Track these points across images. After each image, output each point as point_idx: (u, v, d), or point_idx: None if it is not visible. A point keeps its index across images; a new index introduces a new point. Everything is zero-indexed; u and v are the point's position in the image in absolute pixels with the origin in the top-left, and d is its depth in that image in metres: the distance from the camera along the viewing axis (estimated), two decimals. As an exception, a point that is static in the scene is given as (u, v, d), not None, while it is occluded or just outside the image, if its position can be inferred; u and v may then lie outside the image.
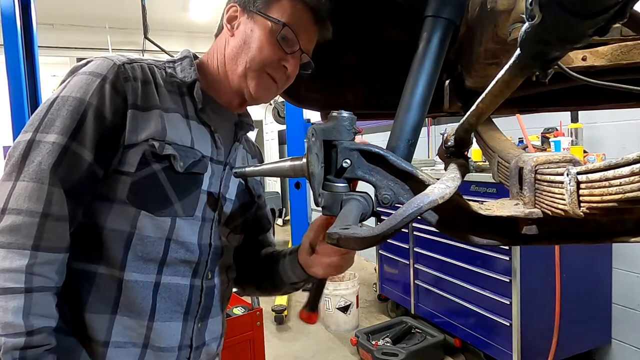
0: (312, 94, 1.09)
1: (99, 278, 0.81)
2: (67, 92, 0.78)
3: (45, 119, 0.76)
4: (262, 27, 0.86)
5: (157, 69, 0.88)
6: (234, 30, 0.89)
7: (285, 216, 8.03)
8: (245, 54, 0.87)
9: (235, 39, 0.89)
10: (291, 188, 5.09)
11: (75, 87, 0.78)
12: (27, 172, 0.74)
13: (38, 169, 0.74)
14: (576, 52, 0.73)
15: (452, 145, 0.82)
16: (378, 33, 1.01)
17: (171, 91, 0.87)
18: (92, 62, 0.82)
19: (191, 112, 0.89)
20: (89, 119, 0.77)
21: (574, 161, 0.50)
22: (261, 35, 0.86)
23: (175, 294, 0.86)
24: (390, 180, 0.62)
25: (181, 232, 0.84)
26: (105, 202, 0.81)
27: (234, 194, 0.97)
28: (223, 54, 0.91)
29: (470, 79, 0.85)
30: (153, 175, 0.81)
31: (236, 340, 2.00)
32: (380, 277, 3.99)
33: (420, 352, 2.98)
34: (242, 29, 0.88)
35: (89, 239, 0.80)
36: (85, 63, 0.83)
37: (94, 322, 0.80)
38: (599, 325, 2.81)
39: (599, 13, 0.34)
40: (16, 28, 2.87)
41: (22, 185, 0.73)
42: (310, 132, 0.66)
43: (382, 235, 0.48)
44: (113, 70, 0.80)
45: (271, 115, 6.72)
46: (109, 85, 0.79)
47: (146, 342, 0.83)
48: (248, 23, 0.88)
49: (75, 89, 0.78)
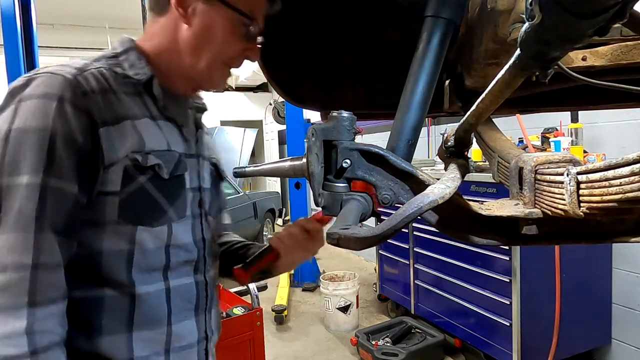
0: (312, 94, 1.09)
1: (108, 300, 0.77)
2: (21, 123, 0.68)
3: (6, 159, 0.67)
4: (226, 19, 0.80)
5: (107, 71, 0.78)
6: (190, 18, 0.79)
7: (285, 216, 8.04)
8: (208, 48, 0.81)
9: (193, 30, 0.80)
10: (291, 188, 5.10)
11: (30, 116, 0.68)
12: (5, 223, 0.65)
13: (18, 217, 0.66)
14: (576, 52, 0.73)
15: (452, 145, 0.82)
16: (378, 33, 1.01)
17: (129, 93, 0.79)
18: (36, 80, 0.71)
19: (155, 112, 0.83)
20: (59, 148, 0.68)
21: (574, 161, 0.50)
22: (226, 28, 0.80)
23: (185, 294, 0.86)
24: (390, 180, 0.62)
25: (178, 235, 0.83)
26: (96, 227, 0.75)
27: (209, 182, 0.97)
28: (176, 43, 0.82)
29: (470, 79, 0.85)
30: (141, 189, 0.77)
31: (236, 340, 2.00)
32: (380, 277, 3.99)
33: (420, 352, 2.98)
34: (202, 18, 0.79)
35: (87, 266, 0.76)
36: (25, 82, 0.71)
37: (112, 344, 0.77)
38: (599, 325, 2.81)
39: (599, 13, 0.34)
40: (16, 28, 2.88)
41: (2, 238, 0.65)
42: (310, 132, 0.66)
43: (382, 235, 0.48)
44: (67, 87, 0.70)
45: (271, 115, 6.72)
46: (69, 105, 0.70)
47: (167, 347, 0.83)
48: (208, 11, 0.79)
49: (31, 118, 0.68)
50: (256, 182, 10.22)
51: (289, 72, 1.06)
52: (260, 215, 5.96)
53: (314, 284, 4.75)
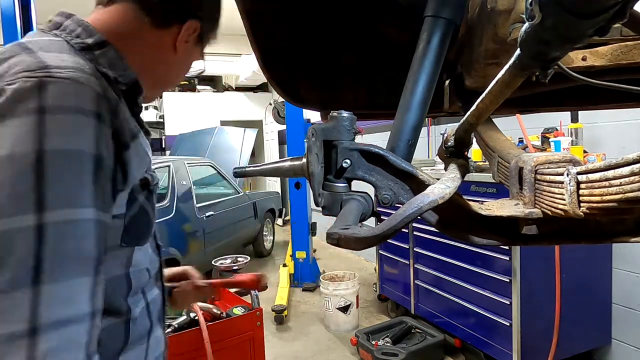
0: (312, 94, 1.09)
1: (107, 331, 0.66)
2: (58, 144, 0.55)
3: (44, 188, 0.54)
4: (197, 56, 0.87)
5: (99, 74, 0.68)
6: (179, 47, 0.79)
7: (285, 216, 8.04)
8: (176, 75, 0.86)
9: (177, 58, 0.81)
10: (291, 188, 5.11)
11: (67, 135, 0.56)
12: (58, 269, 0.54)
13: (77, 257, 0.56)
14: (576, 52, 0.73)
15: (452, 145, 0.82)
16: (378, 33, 1.01)
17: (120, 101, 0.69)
18: (55, 87, 0.57)
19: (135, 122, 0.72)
20: (102, 176, 0.60)
21: (574, 161, 0.50)
22: (192, 61, 0.88)
23: (155, 304, 0.82)
24: (390, 180, 0.62)
25: (149, 246, 0.79)
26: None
27: None
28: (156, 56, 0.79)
29: (470, 79, 0.85)
30: (141, 209, 0.72)
31: (236, 340, 2.00)
32: (380, 277, 3.99)
33: (420, 352, 2.98)
34: (187, 54, 0.83)
35: None
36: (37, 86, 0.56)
37: None
38: (599, 325, 2.81)
39: (599, 13, 0.34)
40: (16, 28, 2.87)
41: (52, 288, 0.53)
42: (310, 132, 0.66)
43: (382, 235, 0.48)
44: (102, 103, 0.61)
45: (271, 115, 6.72)
46: (106, 127, 0.61)
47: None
48: (193, 50, 0.84)
49: (69, 137, 0.56)
50: (256, 182, 10.22)
51: (289, 72, 1.06)
52: (260, 215, 5.96)
53: (314, 284, 4.75)
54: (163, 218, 3.89)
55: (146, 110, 8.99)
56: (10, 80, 0.56)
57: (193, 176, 4.68)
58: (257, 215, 5.88)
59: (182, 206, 4.21)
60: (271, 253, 6.46)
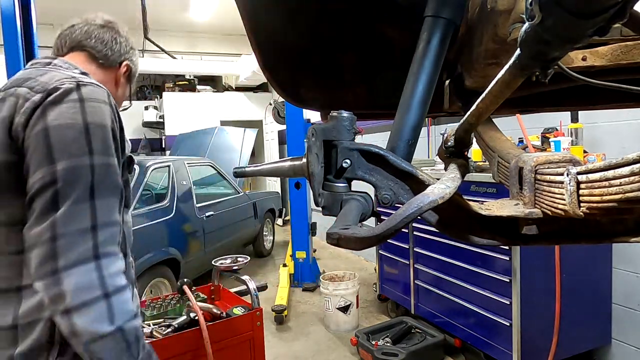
0: (312, 94, 1.09)
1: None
2: (93, 118, 0.90)
3: (92, 144, 0.88)
4: (127, 90, 1.25)
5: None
6: (119, 83, 1.20)
7: (285, 216, 8.04)
8: (118, 104, 1.17)
9: (117, 90, 1.19)
10: (291, 188, 5.10)
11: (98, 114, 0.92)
12: (104, 191, 0.88)
13: (112, 186, 0.90)
14: (576, 52, 0.73)
15: (452, 145, 0.82)
16: (378, 33, 1.01)
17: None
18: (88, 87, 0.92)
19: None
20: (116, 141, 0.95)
21: (574, 161, 0.50)
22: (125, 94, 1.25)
23: (130, 270, 1.06)
24: (390, 180, 0.62)
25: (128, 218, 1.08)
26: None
27: None
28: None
29: (470, 79, 0.85)
30: (126, 180, 1.03)
31: (236, 340, 2.00)
32: (380, 277, 3.99)
33: (420, 352, 2.98)
34: (122, 87, 1.21)
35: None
36: (77, 86, 0.91)
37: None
38: (599, 325, 2.81)
39: (599, 13, 0.34)
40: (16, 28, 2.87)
41: (101, 203, 0.87)
42: (310, 132, 0.66)
43: (382, 235, 0.48)
44: (112, 100, 0.97)
45: (271, 115, 6.72)
46: (115, 113, 0.96)
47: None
48: (126, 84, 1.23)
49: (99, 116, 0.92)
50: (256, 182, 10.21)
51: (289, 72, 1.06)
52: (260, 215, 5.96)
53: (314, 284, 4.75)
54: (163, 218, 3.88)
55: (146, 110, 8.99)
56: (58, 84, 0.91)
57: (193, 176, 4.68)
58: (257, 215, 5.87)
59: (182, 206, 4.20)
60: (271, 253, 6.46)
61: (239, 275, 2.14)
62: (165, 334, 1.82)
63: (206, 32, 8.88)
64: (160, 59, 8.16)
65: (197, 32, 8.86)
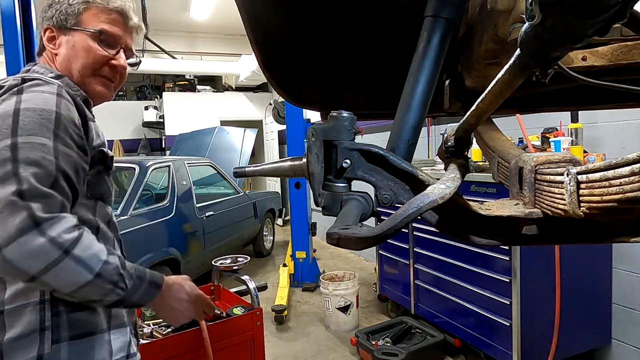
0: (312, 94, 1.09)
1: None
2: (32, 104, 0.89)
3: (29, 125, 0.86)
4: (81, 39, 1.03)
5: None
6: (58, 49, 1.04)
7: (285, 216, 8.03)
8: (75, 64, 1.02)
9: (60, 56, 1.03)
10: (291, 188, 5.10)
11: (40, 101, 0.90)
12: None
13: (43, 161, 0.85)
14: (576, 52, 0.73)
15: (452, 145, 0.82)
16: (378, 33, 1.01)
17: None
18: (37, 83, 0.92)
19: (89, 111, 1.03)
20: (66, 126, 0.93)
21: (574, 161, 0.50)
22: (83, 45, 1.03)
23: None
24: (390, 180, 0.62)
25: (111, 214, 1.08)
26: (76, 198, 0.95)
27: None
28: (63, 70, 1.03)
29: (470, 79, 0.85)
30: (99, 173, 1.00)
31: (236, 340, 2.00)
32: (380, 277, 3.99)
33: (420, 352, 2.98)
34: (65, 46, 1.03)
35: None
36: (20, 81, 0.92)
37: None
38: (599, 325, 2.81)
39: (599, 13, 0.34)
40: (16, 28, 2.87)
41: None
42: (310, 132, 0.66)
43: (382, 235, 0.48)
44: (62, 91, 0.94)
45: (271, 115, 6.72)
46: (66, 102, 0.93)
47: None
48: (68, 39, 1.03)
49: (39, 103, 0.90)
50: (256, 182, 10.21)
51: (289, 72, 1.06)
52: (260, 215, 5.96)
53: (314, 284, 4.75)
54: (163, 218, 3.88)
55: (146, 110, 8.99)
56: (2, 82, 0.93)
57: (193, 176, 4.67)
58: (257, 215, 5.87)
59: (182, 206, 4.20)
60: (271, 253, 6.45)
61: (239, 275, 2.14)
62: (165, 334, 1.82)
63: (206, 32, 8.88)
64: (160, 59, 8.15)
65: (197, 32, 8.85)
